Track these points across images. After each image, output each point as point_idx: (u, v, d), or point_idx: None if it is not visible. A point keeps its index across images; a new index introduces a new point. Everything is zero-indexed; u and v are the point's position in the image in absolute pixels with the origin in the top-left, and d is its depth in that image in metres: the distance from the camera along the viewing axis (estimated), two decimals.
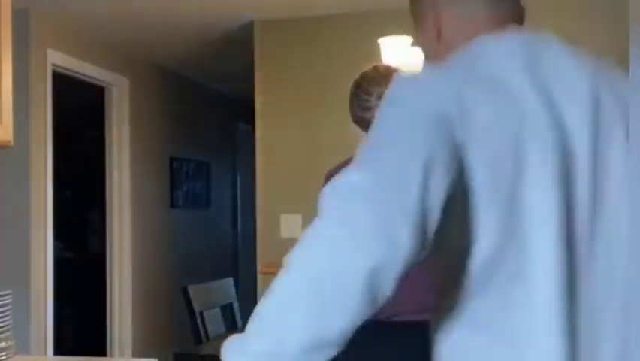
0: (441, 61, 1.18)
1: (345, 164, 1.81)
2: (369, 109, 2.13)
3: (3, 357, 1.83)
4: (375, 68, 2.22)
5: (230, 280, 5.22)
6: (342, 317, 0.90)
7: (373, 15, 4.33)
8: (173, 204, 5.95)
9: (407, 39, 3.49)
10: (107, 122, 5.21)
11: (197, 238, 6.33)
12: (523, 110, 1.06)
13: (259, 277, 4.47)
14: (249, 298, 4.85)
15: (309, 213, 1.49)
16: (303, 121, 4.51)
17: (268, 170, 4.56)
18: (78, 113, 6.31)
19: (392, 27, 3.62)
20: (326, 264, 0.90)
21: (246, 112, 5.43)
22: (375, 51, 3.64)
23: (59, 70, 4.53)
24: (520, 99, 1.07)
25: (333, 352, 0.91)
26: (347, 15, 4.42)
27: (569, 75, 1.12)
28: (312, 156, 4.43)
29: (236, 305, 5.06)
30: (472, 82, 1.07)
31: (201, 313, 4.59)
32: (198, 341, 4.53)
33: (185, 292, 4.58)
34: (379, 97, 1.99)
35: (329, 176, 1.91)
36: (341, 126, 4.37)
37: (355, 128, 2.24)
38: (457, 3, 1.22)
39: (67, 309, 5.88)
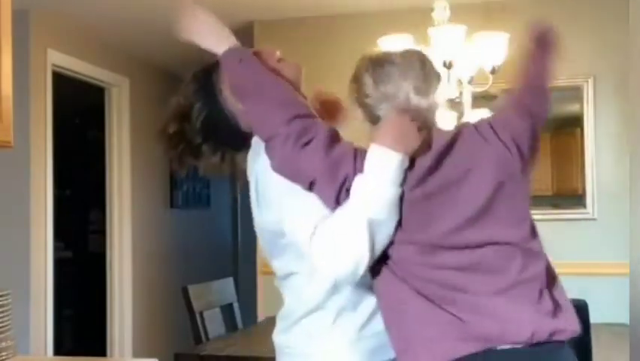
0: None
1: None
2: None
3: (3, 357, 1.83)
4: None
5: (230, 280, 5.20)
6: None
7: (373, 16, 4.33)
8: (173, 204, 5.95)
9: (407, 39, 3.48)
10: (107, 122, 5.20)
11: (197, 238, 6.33)
12: None
13: (259, 277, 4.46)
14: (249, 298, 4.84)
15: None
16: None
17: None
18: (78, 113, 6.31)
19: (392, 27, 3.62)
20: None
21: None
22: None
23: (59, 70, 4.53)
24: None
25: None
26: (347, 16, 4.42)
27: None
28: None
29: (236, 305, 5.05)
30: None
31: (201, 313, 4.57)
32: (198, 341, 4.52)
33: (185, 292, 4.57)
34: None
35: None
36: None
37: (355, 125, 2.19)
38: None
39: (67, 309, 5.87)
